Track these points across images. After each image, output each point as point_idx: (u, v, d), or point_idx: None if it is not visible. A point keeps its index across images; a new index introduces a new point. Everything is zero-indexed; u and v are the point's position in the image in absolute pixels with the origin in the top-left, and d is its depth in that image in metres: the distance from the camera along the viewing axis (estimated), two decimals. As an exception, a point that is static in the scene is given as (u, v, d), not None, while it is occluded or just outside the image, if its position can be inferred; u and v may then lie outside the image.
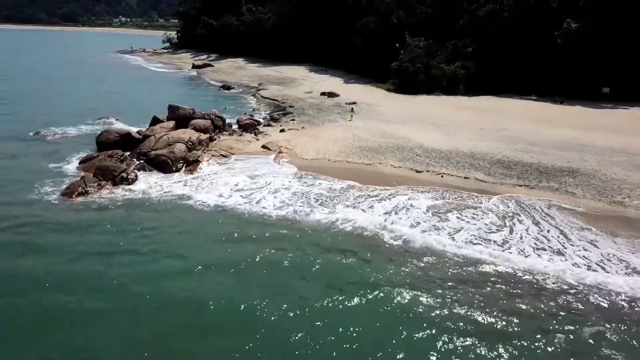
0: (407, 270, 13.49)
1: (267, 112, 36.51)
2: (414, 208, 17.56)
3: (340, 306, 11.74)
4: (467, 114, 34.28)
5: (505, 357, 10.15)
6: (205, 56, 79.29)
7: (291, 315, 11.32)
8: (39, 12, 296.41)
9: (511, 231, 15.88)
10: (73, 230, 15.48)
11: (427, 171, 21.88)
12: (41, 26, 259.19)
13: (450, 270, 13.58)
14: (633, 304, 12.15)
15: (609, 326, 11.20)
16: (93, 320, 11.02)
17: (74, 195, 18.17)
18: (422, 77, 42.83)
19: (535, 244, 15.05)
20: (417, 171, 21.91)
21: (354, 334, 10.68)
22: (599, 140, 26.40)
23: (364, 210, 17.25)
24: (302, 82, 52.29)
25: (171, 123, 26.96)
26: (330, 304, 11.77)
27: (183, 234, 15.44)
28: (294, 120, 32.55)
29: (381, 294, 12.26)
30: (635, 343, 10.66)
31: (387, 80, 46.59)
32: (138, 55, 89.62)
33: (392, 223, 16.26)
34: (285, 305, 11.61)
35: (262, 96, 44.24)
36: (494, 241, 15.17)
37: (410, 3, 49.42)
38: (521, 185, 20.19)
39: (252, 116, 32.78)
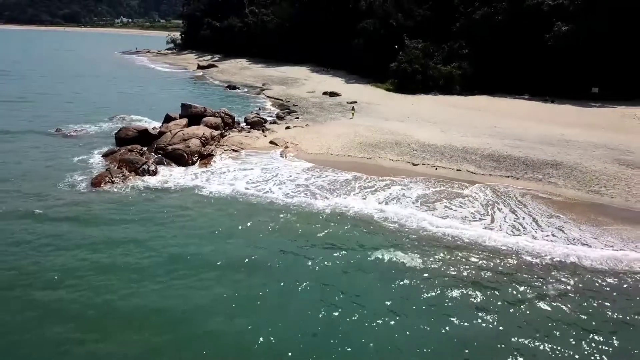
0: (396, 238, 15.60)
1: (273, 111, 38.40)
2: (404, 197, 19.49)
3: (338, 263, 14.22)
4: (462, 112, 36.19)
5: (482, 299, 12.48)
6: (209, 57, 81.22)
7: (301, 271, 13.72)
8: (42, 12, 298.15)
9: (487, 212, 17.86)
10: (104, 212, 17.43)
11: (423, 164, 23.80)
12: (44, 27, 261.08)
13: (431, 237, 15.97)
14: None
15: (568, 282, 13.22)
16: (135, 274, 13.25)
17: (102, 184, 20.07)
18: (419, 77, 44.76)
19: (511, 224, 17.02)
20: (414, 164, 23.83)
21: (347, 283, 13.22)
22: (583, 137, 28.30)
23: (363, 198, 19.22)
24: (305, 82, 54.23)
25: (184, 120, 28.81)
26: (329, 262, 14.21)
27: (203, 216, 17.38)
28: (298, 118, 34.47)
29: (373, 257, 14.61)
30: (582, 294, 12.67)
31: (387, 80, 48.53)
32: (143, 55, 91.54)
33: (388, 204, 18.36)
34: (292, 264, 14.12)
35: (267, 95, 46.21)
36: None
37: (409, 6, 51.38)
38: (508, 177, 22.09)
39: (258, 114, 34.65)
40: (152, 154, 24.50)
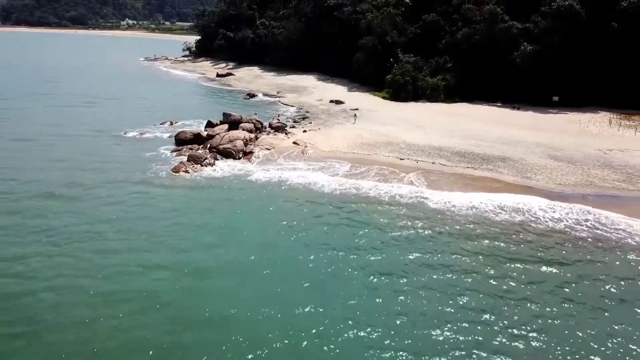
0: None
1: (290, 117, 46.86)
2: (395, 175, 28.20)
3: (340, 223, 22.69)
4: (443, 118, 44.71)
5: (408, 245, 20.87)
6: (224, 64, 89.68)
7: (314, 228, 22.18)
8: (49, 15, 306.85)
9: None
10: (187, 190, 26.15)
11: (408, 159, 32.37)
12: (52, 29, 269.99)
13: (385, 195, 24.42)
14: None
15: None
16: (212, 236, 21.70)
17: (180, 172, 28.73)
18: (410, 87, 53.32)
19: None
20: (401, 159, 32.42)
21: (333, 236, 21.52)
22: (532, 137, 36.85)
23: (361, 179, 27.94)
24: (313, 90, 62.73)
25: (225, 126, 37.41)
26: (333, 222, 22.61)
27: (252, 192, 26.04)
28: (311, 123, 43.03)
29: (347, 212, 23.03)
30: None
31: (383, 89, 57.02)
32: (162, 62, 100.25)
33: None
34: (306, 224, 22.46)
35: (283, 103, 54.76)
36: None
37: (402, 25, 60.01)
38: (468, 168, 30.66)
39: (279, 120, 43.21)
40: (207, 151, 33.09)
